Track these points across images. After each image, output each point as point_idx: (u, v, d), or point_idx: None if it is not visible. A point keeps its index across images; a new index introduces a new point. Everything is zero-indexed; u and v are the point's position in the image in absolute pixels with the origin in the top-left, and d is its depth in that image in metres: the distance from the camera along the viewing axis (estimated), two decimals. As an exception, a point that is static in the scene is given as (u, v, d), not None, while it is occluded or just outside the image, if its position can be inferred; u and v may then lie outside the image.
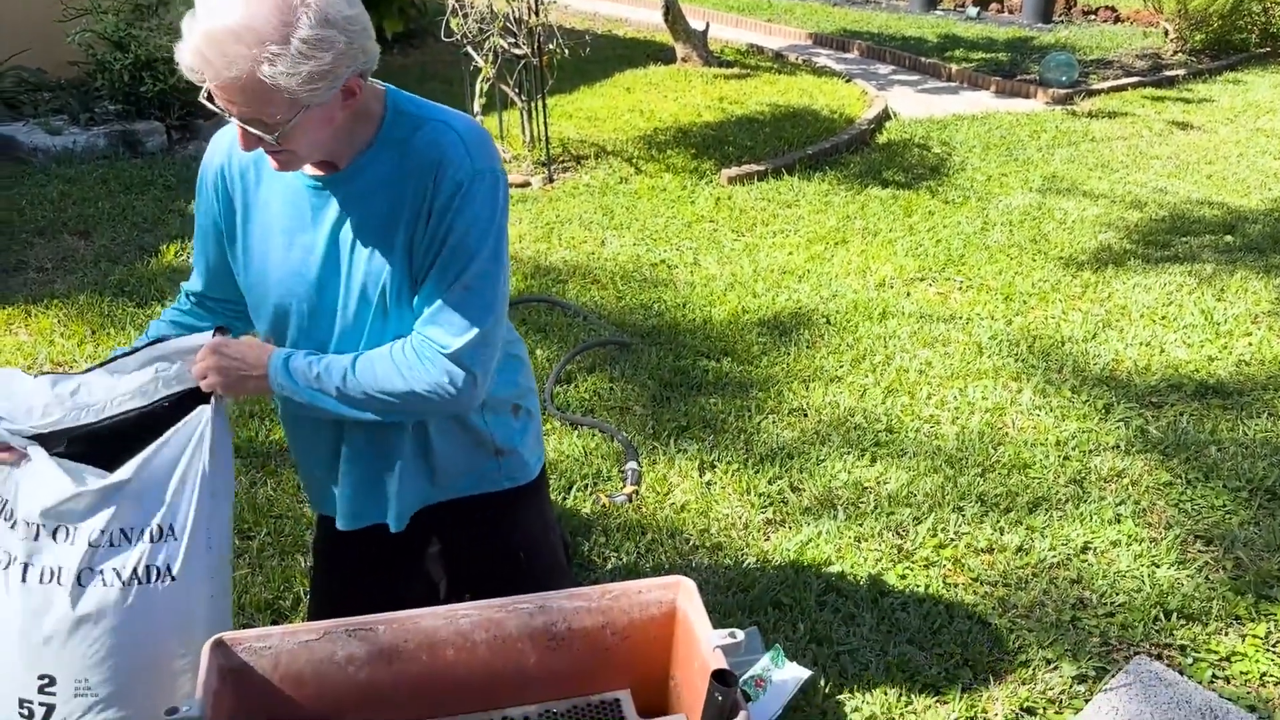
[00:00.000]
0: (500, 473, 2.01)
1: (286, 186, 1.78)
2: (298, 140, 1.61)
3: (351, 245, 1.76)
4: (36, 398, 1.90)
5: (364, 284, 1.77)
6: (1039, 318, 4.33)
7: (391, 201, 1.73)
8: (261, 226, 1.81)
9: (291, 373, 1.77)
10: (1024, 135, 7.13)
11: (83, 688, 1.88)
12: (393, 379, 1.73)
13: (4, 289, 4.44)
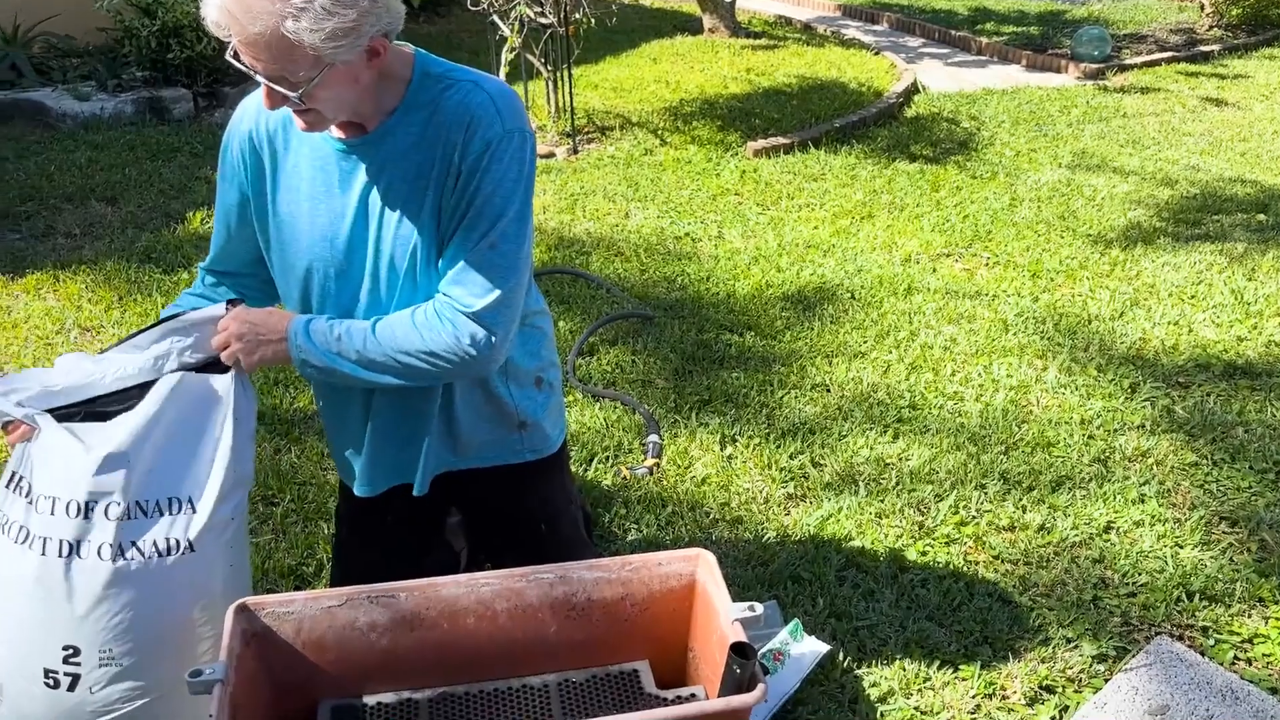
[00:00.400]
0: (523, 445, 2.02)
1: (315, 151, 1.77)
2: (322, 99, 1.61)
3: (381, 209, 1.76)
4: (60, 372, 1.93)
5: (393, 248, 1.77)
6: (1066, 295, 4.29)
7: (420, 163, 1.73)
8: (290, 191, 1.81)
9: (311, 335, 1.77)
10: (1054, 110, 7.04)
11: (106, 657, 1.91)
12: (413, 340, 1.73)
13: (33, 254, 4.47)
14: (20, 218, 4.90)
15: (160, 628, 1.93)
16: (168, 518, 1.89)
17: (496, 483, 2.03)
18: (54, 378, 1.92)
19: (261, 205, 1.86)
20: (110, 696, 1.93)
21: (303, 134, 1.77)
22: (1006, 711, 2.28)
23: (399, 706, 1.90)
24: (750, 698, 1.64)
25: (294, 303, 1.90)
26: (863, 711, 2.26)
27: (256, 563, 2.60)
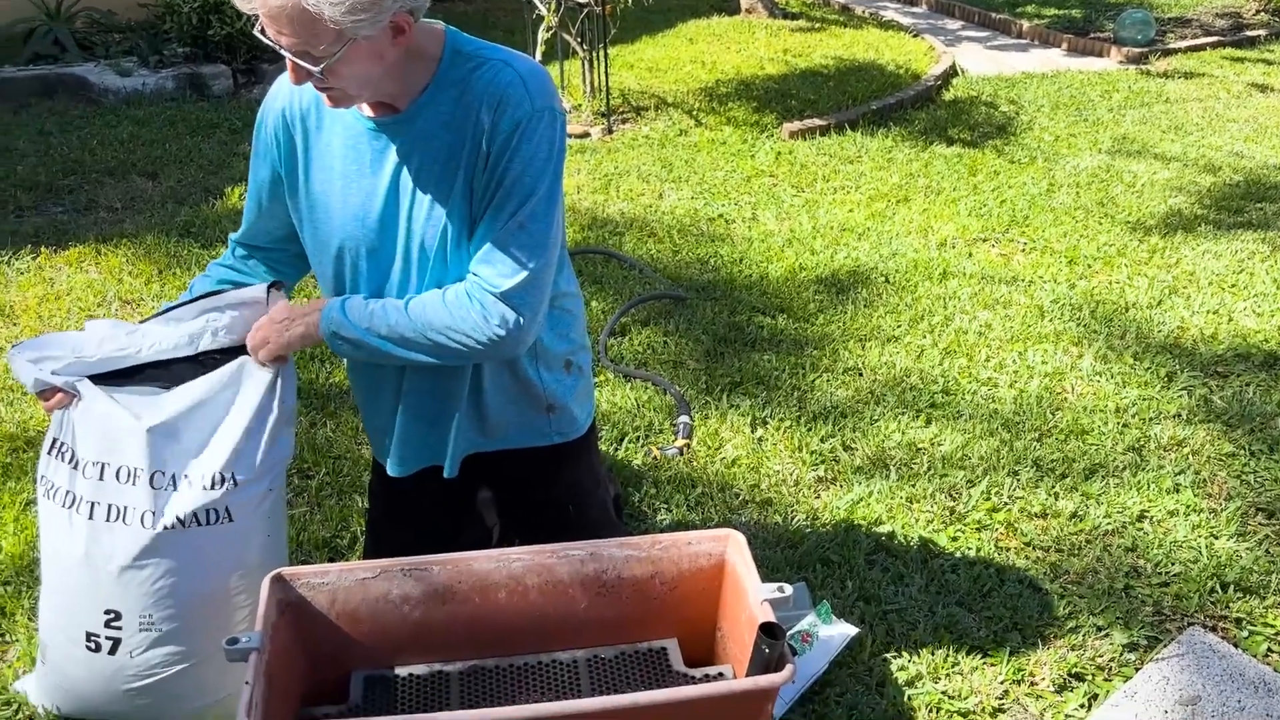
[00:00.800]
0: (550, 427, 2.03)
1: (347, 130, 1.79)
2: (345, 75, 1.61)
3: (412, 189, 1.77)
4: (92, 338, 1.95)
5: (424, 228, 1.78)
6: (1103, 282, 4.24)
7: (450, 143, 1.73)
8: (322, 170, 1.82)
9: (347, 310, 1.79)
10: (1095, 95, 6.95)
11: (146, 622, 1.95)
12: (443, 319, 1.74)
13: (76, 227, 4.53)
14: (63, 191, 4.97)
15: (199, 595, 1.96)
16: (209, 490, 1.92)
17: (524, 464, 2.04)
18: (86, 346, 1.95)
19: (294, 183, 1.87)
20: (149, 661, 1.97)
21: (336, 113, 1.78)
22: (1035, 698, 2.28)
23: (430, 678, 1.93)
24: (778, 678, 1.65)
25: (328, 280, 1.91)
26: (890, 695, 2.26)
27: (292, 534, 2.63)
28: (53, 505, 1.97)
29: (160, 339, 1.93)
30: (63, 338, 1.98)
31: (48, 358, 1.94)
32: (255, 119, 1.92)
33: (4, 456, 2.94)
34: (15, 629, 2.36)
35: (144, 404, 1.90)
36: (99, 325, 1.97)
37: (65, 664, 2.03)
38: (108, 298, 3.87)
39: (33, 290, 3.92)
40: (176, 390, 1.91)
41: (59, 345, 1.96)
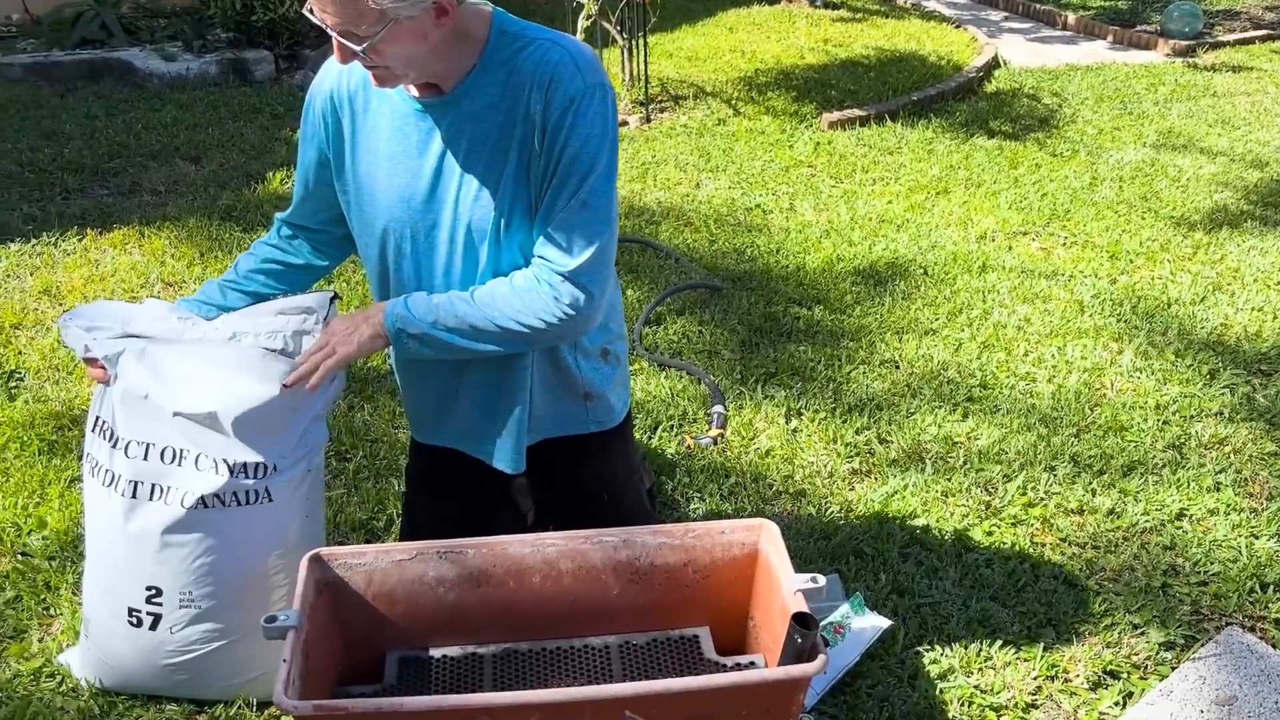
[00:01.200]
0: (587, 416, 2.04)
1: (394, 111, 1.80)
2: (389, 55, 1.62)
3: (460, 170, 1.77)
4: (145, 315, 1.99)
5: (472, 209, 1.78)
6: (1145, 278, 4.19)
7: (500, 125, 1.73)
8: (369, 152, 1.83)
9: (410, 305, 1.79)
10: (1140, 88, 6.86)
11: (186, 599, 1.98)
12: (513, 305, 1.75)
13: (120, 210, 4.60)
14: (109, 174, 5.04)
15: (237, 573, 1.99)
16: (252, 478, 1.95)
17: (561, 452, 2.05)
18: (138, 321, 1.98)
19: (340, 164, 1.89)
20: (189, 637, 2.01)
21: (383, 95, 1.79)
22: (1069, 695, 2.27)
23: (464, 660, 1.94)
24: (810, 668, 1.65)
25: (373, 263, 1.92)
26: (922, 688, 2.26)
27: (329, 515, 2.66)
28: (95, 482, 2.00)
29: (206, 330, 1.97)
30: (116, 308, 2.02)
31: (98, 327, 1.97)
32: (296, 104, 1.94)
33: (50, 434, 3.00)
34: (60, 603, 2.41)
35: (191, 390, 1.92)
36: (157, 305, 2.01)
37: (108, 638, 2.07)
38: (150, 279, 3.92)
39: (79, 271, 3.98)
40: (220, 378, 1.93)
41: (111, 315, 2.00)
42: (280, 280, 2.08)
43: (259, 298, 2.05)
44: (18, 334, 3.56)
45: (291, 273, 2.08)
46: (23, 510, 2.69)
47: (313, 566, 1.85)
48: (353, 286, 3.92)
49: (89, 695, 2.14)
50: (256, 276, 2.06)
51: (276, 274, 2.07)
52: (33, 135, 5.43)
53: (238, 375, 1.90)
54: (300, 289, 2.12)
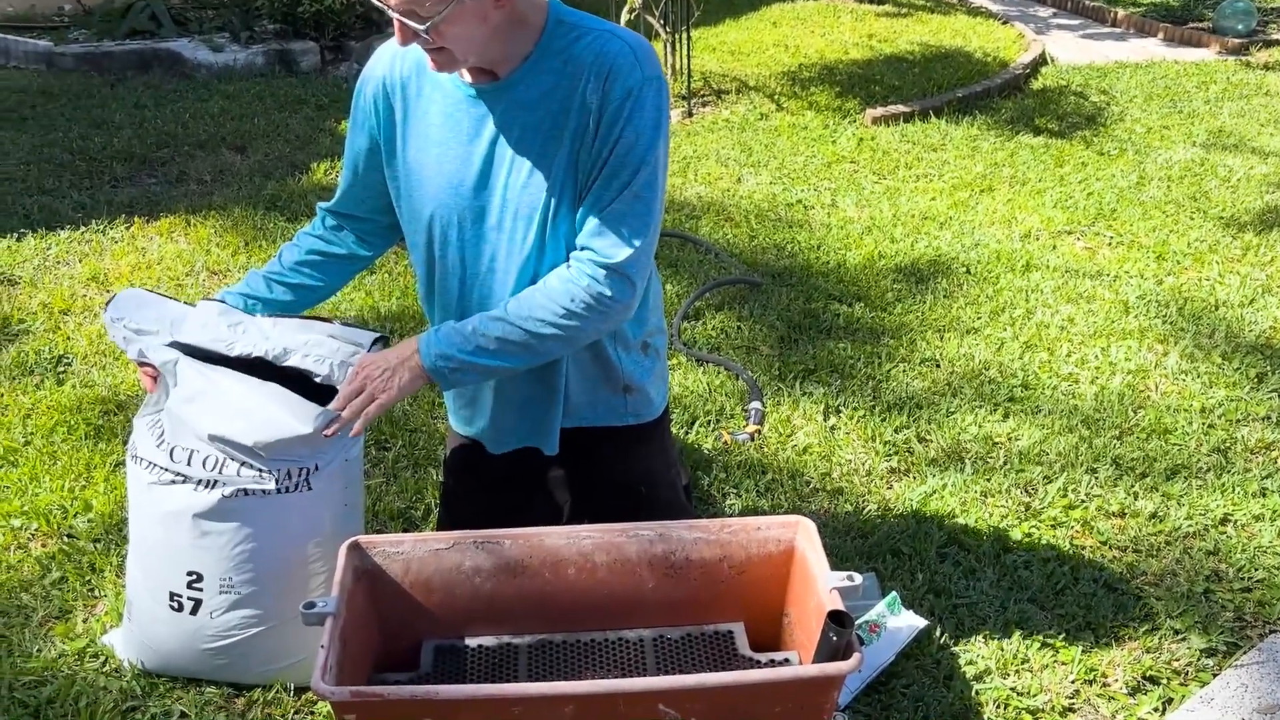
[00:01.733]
0: (626, 408, 2.04)
1: (446, 97, 1.80)
2: (450, 36, 1.64)
3: (510, 157, 1.78)
4: (196, 319, 1.99)
5: (521, 197, 1.78)
6: (1192, 279, 4.13)
7: (554, 113, 1.74)
8: (419, 138, 1.84)
9: (444, 340, 1.78)
10: (1190, 86, 6.75)
11: (226, 585, 2.01)
12: (551, 307, 1.75)
13: (167, 199, 4.66)
14: (157, 163, 5.11)
15: (277, 561, 2.01)
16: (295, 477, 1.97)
17: (599, 443, 2.06)
18: (188, 326, 1.98)
19: (391, 151, 1.89)
20: (229, 623, 2.03)
21: (435, 81, 1.80)
22: (1107, 699, 2.24)
23: (499, 650, 1.95)
24: (845, 666, 1.64)
25: (419, 250, 1.93)
26: (957, 689, 2.24)
27: (367, 504, 2.68)
28: (138, 469, 2.03)
29: (256, 343, 1.95)
30: (158, 305, 2.02)
31: (147, 331, 1.98)
32: (341, 95, 1.96)
33: (96, 419, 3.05)
34: (104, 584, 2.45)
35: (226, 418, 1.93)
36: (209, 308, 2.00)
37: (149, 622, 2.10)
38: (196, 267, 3.97)
39: (126, 259, 4.04)
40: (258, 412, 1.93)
41: (157, 314, 2.00)
42: (323, 272, 2.08)
43: (302, 289, 2.06)
44: (66, 319, 3.62)
45: (335, 263, 2.09)
46: (69, 493, 2.74)
47: (351, 554, 1.87)
48: (394, 277, 3.95)
49: (131, 676, 2.17)
50: (301, 269, 2.06)
51: (320, 265, 2.08)
52: (83, 124, 5.52)
53: (276, 411, 1.92)
54: (343, 280, 2.14)
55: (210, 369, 1.94)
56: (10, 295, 3.77)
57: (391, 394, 1.79)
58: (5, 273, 3.91)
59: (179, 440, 1.96)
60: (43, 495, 2.72)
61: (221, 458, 1.94)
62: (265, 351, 1.94)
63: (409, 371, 1.79)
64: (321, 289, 2.10)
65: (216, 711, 2.11)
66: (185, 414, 1.93)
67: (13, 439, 2.95)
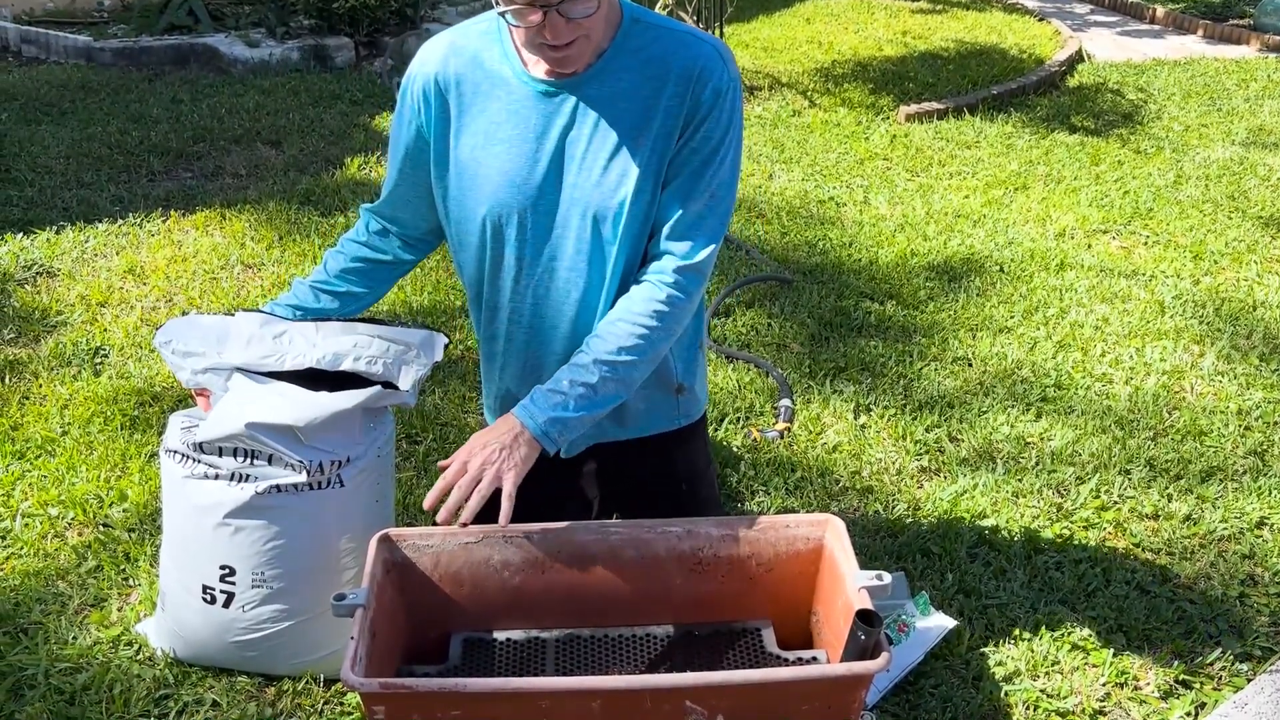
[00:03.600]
0: (678, 410, 2.04)
1: (510, 94, 1.78)
2: (594, 28, 1.67)
3: (582, 155, 1.76)
4: (239, 335, 1.99)
5: (590, 194, 1.77)
6: (1230, 279, 4.08)
7: (634, 111, 1.73)
8: (475, 135, 1.81)
9: (546, 408, 1.74)
10: (1230, 84, 6.66)
11: (258, 579, 2.03)
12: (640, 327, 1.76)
13: (203, 193, 4.71)
14: (193, 158, 5.16)
15: (309, 556, 2.03)
16: (327, 473, 1.99)
17: (648, 452, 2.05)
18: (230, 343, 1.97)
19: (442, 149, 1.86)
20: (260, 616, 2.05)
21: (498, 78, 1.78)
22: (1138, 703, 2.22)
23: (527, 644, 1.96)
24: (873, 665, 1.64)
25: (470, 250, 1.90)
26: (986, 690, 2.23)
27: (398, 497, 2.70)
28: (172, 463, 2.05)
29: (305, 352, 1.95)
30: (208, 325, 2.02)
31: (193, 354, 1.99)
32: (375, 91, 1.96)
33: (131, 410, 3.08)
34: (139, 574, 2.48)
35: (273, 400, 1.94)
36: (248, 321, 1.99)
37: (182, 612, 2.12)
38: (230, 261, 4.01)
39: (162, 252, 4.08)
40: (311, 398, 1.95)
41: (202, 335, 1.99)
42: (369, 279, 2.06)
43: (349, 297, 2.05)
44: (104, 312, 3.67)
45: (380, 269, 2.07)
46: (105, 483, 2.77)
47: (381, 546, 1.88)
48: (426, 272, 3.97)
49: (164, 665, 2.20)
50: (347, 276, 2.04)
51: (365, 272, 2.05)
52: (122, 119, 5.58)
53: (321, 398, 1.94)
54: (387, 286, 2.13)
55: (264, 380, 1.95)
56: (49, 287, 3.82)
57: (517, 471, 1.73)
58: (44, 265, 3.96)
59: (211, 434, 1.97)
60: (79, 485, 2.75)
61: (254, 450, 1.96)
62: (316, 360, 1.94)
63: (525, 447, 1.74)
64: (367, 296, 2.08)
65: (248, 701, 2.13)
66: (225, 407, 1.95)
67: (50, 429, 2.99)
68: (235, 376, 1.96)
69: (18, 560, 2.52)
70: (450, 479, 1.73)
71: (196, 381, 1.99)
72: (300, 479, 1.96)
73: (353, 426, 2.00)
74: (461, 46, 1.82)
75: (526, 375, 1.98)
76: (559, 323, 1.90)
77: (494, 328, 1.97)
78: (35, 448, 2.92)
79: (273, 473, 1.96)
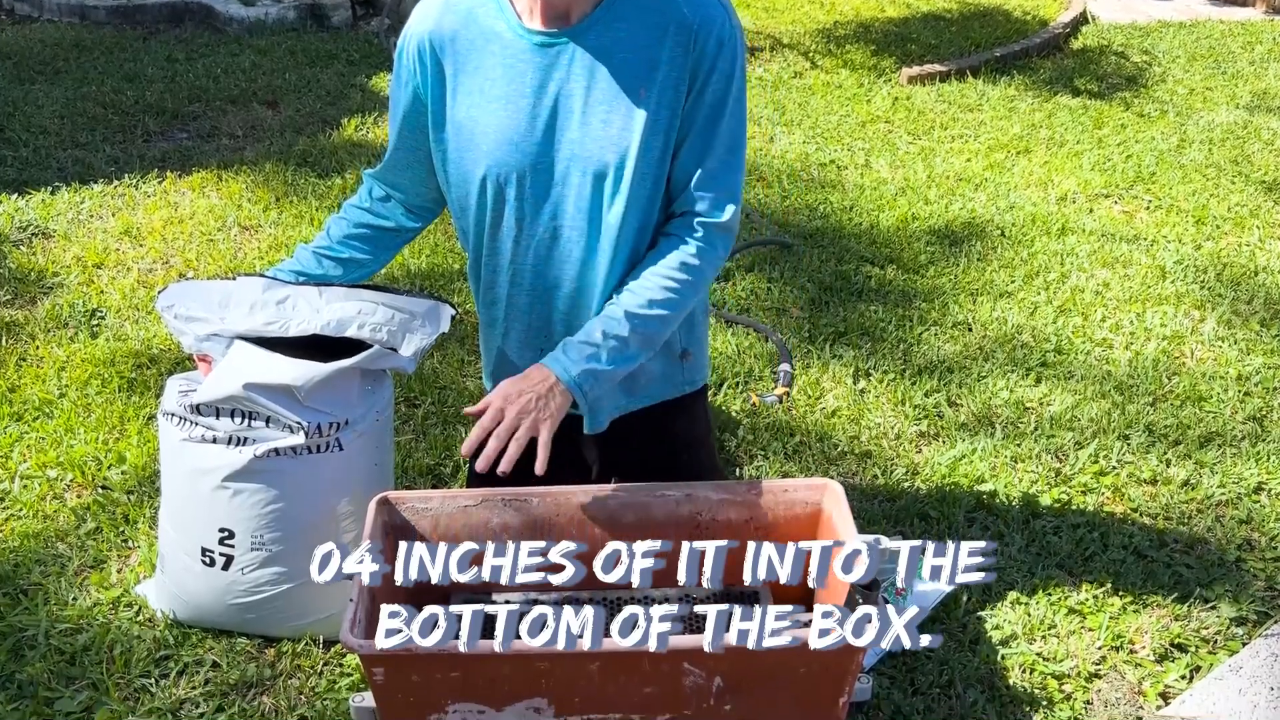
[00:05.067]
0: (683, 376, 2.03)
1: (505, 49, 1.75)
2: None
3: (581, 109, 1.74)
4: (242, 300, 1.97)
5: (590, 150, 1.74)
6: (1232, 244, 4.06)
7: (635, 63, 1.70)
8: (471, 94, 1.79)
9: (579, 358, 1.73)
10: (1235, 47, 6.60)
11: (257, 542, 2.03)
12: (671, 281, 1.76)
13: (199, 153, 4.67)
14: (188, 118, 5.12)
15: (307, 518, 2.03)
16: (326, 435, 1.98)
17: (651, 419, 2.04)
18: (233, 310, 1.96)
19: (439, 109, 1.84)
20: (259, 579, 2.06)
21: (491, 33, 1.75)
22: (1134, 666, 2.23)
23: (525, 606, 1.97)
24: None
25: (469, 214, 1.88)
26: (983, 653, 2.24)
27: (397, 460, 2.70)
28: (170, 426, 2.05)
29: (309, 318, 1.94)
30: (208, 290, 2.00)
31: (196, 318, 1.97)
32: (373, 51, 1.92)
33: (129, 372, 3.08)
34: (138, 536, 2.48)
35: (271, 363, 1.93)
36: (251, 286, 1.97)
37: (182, 575, 2.13)
38: (227, 223, 3.99)
39: (158, 213, 4.06)
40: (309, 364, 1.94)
41: (205, 301, 1.98)
42: (372, 245, 2.04)
43: (351, 264, 2.03)
44: (100, 274, 3.65)
45: (384, 236, 2.05)
46: (103, 445, 2.77)
47: (380, 509, 1.88)
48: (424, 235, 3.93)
49: (164, 626, 2.21)
50: (350, 242, 2.02)
51: (368, 238, 2.03)
52: (116, 78, 5.53)
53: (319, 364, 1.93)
54: (391, 252, 2.11)
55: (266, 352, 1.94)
56: (45, 248, 3.80)
57: (554, 418, 1.73)
58: (40, 226, 3.94)
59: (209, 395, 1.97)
60: (78, 447, 2.75)
61: (251, 412, 1.95)
62: (320, 327, 1.93)
63: (559, 395, 1.73)
64: (371, 262, 2.07)
65: (247, 662, 2.14)
66: (223, 370, 1.94)
67: (48, 391, 2.99)
68: (236, 344, 1.95)
69: (17, 522, 2.53)
70: (487, 425, 1.70)
71: (199, 348, 1.98)
72: (298, 441, 1.95)
73: (351, 388, 1.99)
74: (455, 4, 1.79)
75: (529, 340, 1.96)
76: (561, 283, 1.87)
77: (494, 292, 1.94)
78: (33, 409, 2.92)
79: (271, 435, 1.96)
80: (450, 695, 1.65)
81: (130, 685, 2.10)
